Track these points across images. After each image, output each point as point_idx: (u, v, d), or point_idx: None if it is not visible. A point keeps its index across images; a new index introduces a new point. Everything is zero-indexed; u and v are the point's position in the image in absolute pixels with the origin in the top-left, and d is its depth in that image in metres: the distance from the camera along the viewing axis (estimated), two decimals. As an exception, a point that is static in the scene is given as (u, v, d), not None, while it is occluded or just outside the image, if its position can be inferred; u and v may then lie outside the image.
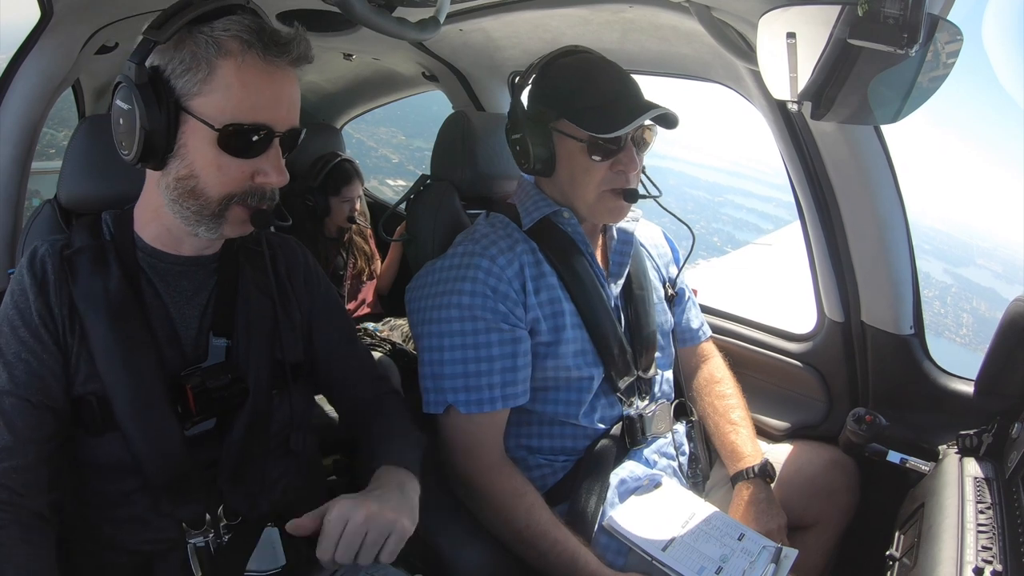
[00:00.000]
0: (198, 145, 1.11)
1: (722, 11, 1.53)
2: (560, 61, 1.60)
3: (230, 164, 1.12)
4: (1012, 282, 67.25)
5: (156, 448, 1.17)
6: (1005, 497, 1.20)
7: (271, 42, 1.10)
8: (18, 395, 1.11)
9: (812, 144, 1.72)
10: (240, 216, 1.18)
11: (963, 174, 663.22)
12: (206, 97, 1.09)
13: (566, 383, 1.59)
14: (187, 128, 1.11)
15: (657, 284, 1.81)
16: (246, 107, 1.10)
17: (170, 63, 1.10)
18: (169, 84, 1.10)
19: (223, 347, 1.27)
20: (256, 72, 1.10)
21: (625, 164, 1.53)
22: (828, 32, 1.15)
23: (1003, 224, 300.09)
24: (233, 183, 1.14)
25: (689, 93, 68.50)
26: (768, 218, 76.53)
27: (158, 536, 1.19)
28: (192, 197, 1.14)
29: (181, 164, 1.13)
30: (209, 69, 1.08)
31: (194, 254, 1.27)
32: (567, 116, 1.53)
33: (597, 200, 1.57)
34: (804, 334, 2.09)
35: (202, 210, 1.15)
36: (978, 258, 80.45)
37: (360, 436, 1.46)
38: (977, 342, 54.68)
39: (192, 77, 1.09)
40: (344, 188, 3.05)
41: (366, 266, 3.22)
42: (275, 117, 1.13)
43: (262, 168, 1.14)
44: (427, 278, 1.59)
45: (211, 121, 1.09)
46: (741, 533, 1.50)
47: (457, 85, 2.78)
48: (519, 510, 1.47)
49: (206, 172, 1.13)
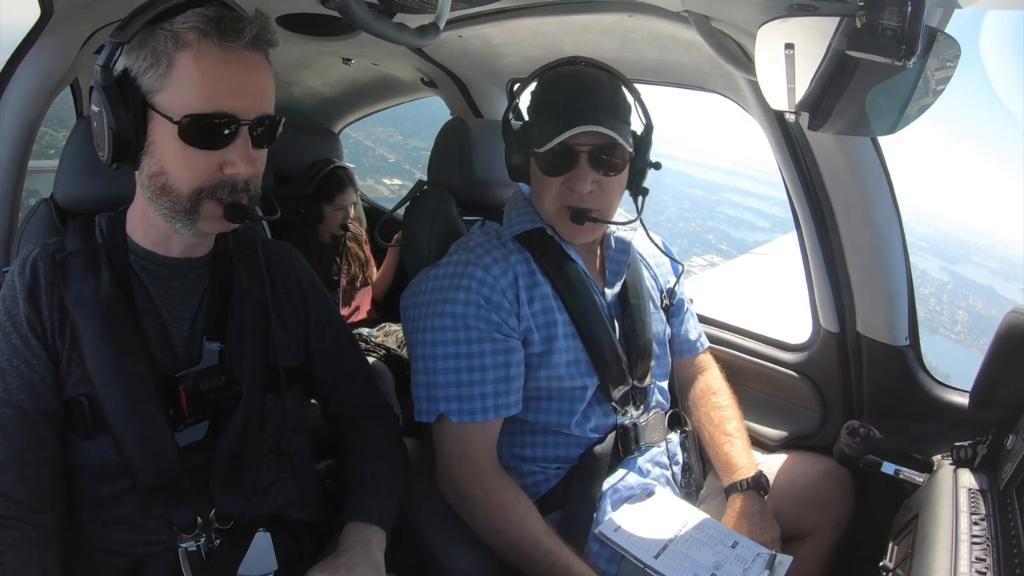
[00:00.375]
0: (164, 141, 1.11)
1: (721, 21, 1.53)
2: (546, 73, 1.60)
3: (196, 157, 1.11)
4: (1009, 279, 67.59)
5: (146, 451, 1.16)
6: (999, 509, 1.20)
7: (227, 28, 1.08)
8: (12, 403, 1.11)
9: (809, 155, 1.72)
10: (214, 211, 1.16)
11: (962, 174, 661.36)
12: (167, 91, 1.09)
13: (559, 393, 1.58)
14: (154, 125, 1.11)
15: (654, 294, 1.81)
16: (206, 97, 1.08)
17: (135, 62, 1.10)
18: (135, 83, 1.09)
19: (216, 350, 1.27)
20: (213, 60, 1.08)
21: (573, 182, 1.51)
22: (826, 43, 1.16)
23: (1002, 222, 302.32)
24: (201, 176, 1.12)
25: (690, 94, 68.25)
26: (765, 216, 76.70)
27: (149, 539, 1.19)
28: (164, 194, 1.14)
29: (152, 161, 1.13)
30: (168, 63, 1.08)
31: (183, 255, 1.27)
32: (530, 130, 1.55)
33: (556, 215, 1.57)
34: (799, 344, 2.09)
35: (175, 206, 1.15)
36: (975, 255, 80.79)
37: (342, 453, 1.48)
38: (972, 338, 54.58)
39: (154, 73, 1.09)
40: (337, 196, 3.02)
41: (360, 272, 3.20)
42: (238, 105, 1.11)
43: (229, 159, 1.12)
44: (421, 286, 1.59)
45: (171, 115, 1.08)
46: (735, 540, 1.49)
47: (456, 91, 2.78)
48: (512, 519, 1.46)
49: (173, 167, 1.12)
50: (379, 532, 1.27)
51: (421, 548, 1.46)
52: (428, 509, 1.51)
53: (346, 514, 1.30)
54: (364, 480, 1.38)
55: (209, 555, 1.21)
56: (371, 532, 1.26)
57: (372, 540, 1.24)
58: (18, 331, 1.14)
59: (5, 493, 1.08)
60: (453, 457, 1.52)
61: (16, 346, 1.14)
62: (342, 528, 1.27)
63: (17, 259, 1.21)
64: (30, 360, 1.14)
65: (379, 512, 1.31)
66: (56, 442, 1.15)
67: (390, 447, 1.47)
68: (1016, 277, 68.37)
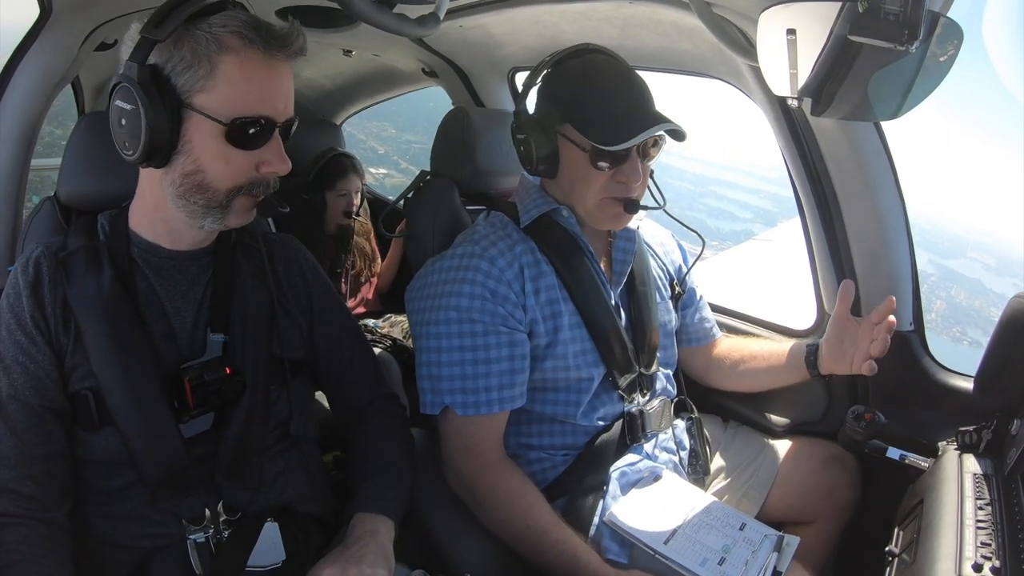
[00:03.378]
0: (203, 140, 1.12)
1: (722, 7, 1.52)
2: (569, 62, 1.57)
3: (236, 156, 1.14)
4: (1002, 274, 67.66)
5: (151, 442, 1.17)
6: (1004, 493, 1.20)
7: (270, 37, 1.12)
8: (18, 399, 1.13)
9: (812, 140, 1.71)
10: (245, 205, 1.20)
11: (967, 171, 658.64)
12: (209, 93, 1.11)
13: (565, 384, 1.58)
14: (191, 124, 1.12)
15: (662, 283, 1.81)
16: (251, 101, 1.12)
17: (169, 61, 1.10)
18: (170, 82, 1.10)
19: (220, 342, 1.28)
20: (258, 67, 1.12)
21: (628, 175, 1.50)
22: (828, 28, 1.15)
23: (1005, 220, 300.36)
24: (239, 175, 1.16)
25: (689, 87, 67.80)
26: (748, 207, 76.95)
27: (157, 532, 1.20)
28: (199, 191, 1.16)
29: (187, 160, 1.14)
30: (211, 65, 1.10)
31: (191, 248, 1.28)
32: (572, 122, 1.50)
33: (597, 207, 1.55)
34: (804, 330, 2.09)
35: (209, 203, 1.17)
36: (970, 251, 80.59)
37: (349, 444, 1.49)
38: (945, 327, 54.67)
39: (194, 74, 1.10)
40: (339, 181, 3.02)
41: (365, 266, 3.20)
42: (275, 109, 1.16)
43: (266, 158, 1.17)
44: (426, 279, 1.59)
45: (217, 116, 1.11)
46: (742, 523, 1.50)
47: (457, 81, 2.77)
48: (519, 510, 1.47)
49: (213, 166, 1.14)
50: (387, 522, 1.28)
51: (429, 538, 1.47)
52: (436, 499, 1.52)
53: (354, 505, 1.30)
54: (372, 471, 1.38)
55: (218, 547, 1.22)
56: (379, 522, 1.26)
57: (381, 530, 1.24)
58: (22, 328, 1.16)
59: (16, 489, 1.10)
60: (459, 450, 1.52)
61: (21, 343, 1.15)
62: (350, 519, 1.27)
63: (20, 258, 1.22)
64: (35, 356, 1.15)
65: (387, 503, 1.32)
66: (64, 437, 1.16)
67: (397, 437, 1.48)
68: (1010, 272, 68.31)
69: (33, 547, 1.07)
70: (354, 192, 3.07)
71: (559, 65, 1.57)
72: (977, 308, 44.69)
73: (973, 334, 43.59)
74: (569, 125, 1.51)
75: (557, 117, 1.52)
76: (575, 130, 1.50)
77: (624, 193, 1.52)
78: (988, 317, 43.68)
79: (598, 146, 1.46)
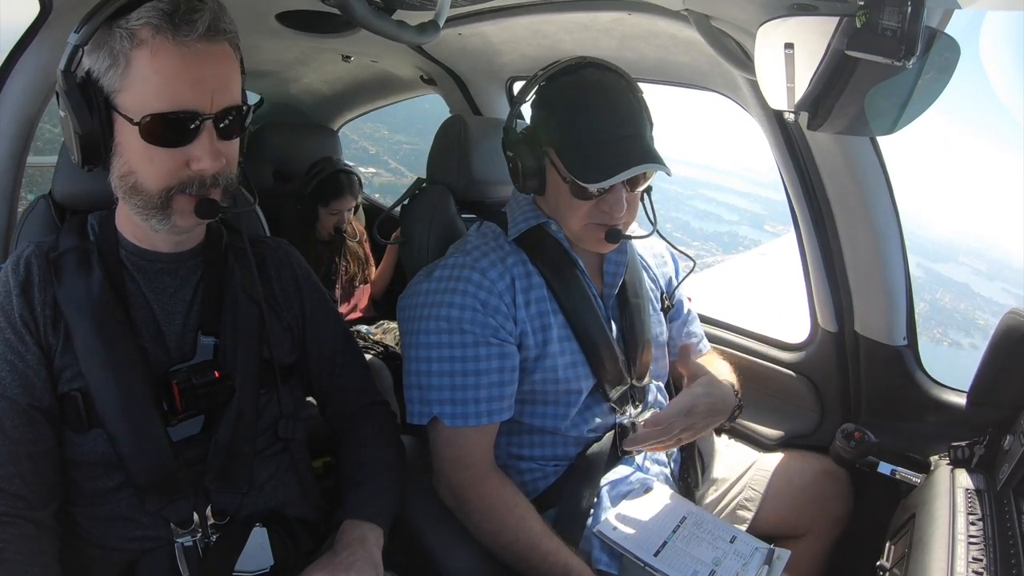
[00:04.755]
0: (128, 141, 1.10)
1: (720, 20, 1.53)
2: (560, 80, 1.52)
3: (160, 155, 1.09)
4: (993, 279, 68.10)
5: (139, 444, 1.17)
6: (996, 509, 1.20)
7: (181, 22, 1.04)
8: (6, 397, 1.12)
9: (808, 154, 1.72)
10: (186, 206, 1.15)
11: (964, 178, 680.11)
12: (128, 91, 1.07)
13: (554, 396, 1.57)
14: (118, 126, 1.10)
15: (653, 295, 1.80)
16: (165, 95, 1.06)
17: (95, 63, 1.08)
18: (98, 85, 1.08)
19: (211, 345, 1.27)
20: (169, 56, 1.05)
21: (611, 205, 1.47)
22: (826, 43, 1.16)
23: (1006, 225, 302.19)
24: (168, 174, 1.11)
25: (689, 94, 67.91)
26: (736, 210, 77.56)
27: (145, 535, 1.19)
28: (135, 193, 1.13)
29: (120, 162, 1.13)
30: (126, 62, 1.06)
31: (172, 250, 1.27)
32: (555, 149, 1.48)
33: (582, 231, 1.54)
34: (797, 344, 2.09)
35: (147, 204, 1.14)
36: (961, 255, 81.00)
37: (339, 450, 1.47)
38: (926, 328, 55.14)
39: (114, 73, 1.07)
40: (333, 201, 2.99)
41: (359, 271, 3.20)
42: (200, 100, 1.08)
43: (194, 155, 1.10)
44: (418, 288, 1.58)
45: (131, 115, 1.07)
46: (733, 536, 1.49)
47: (455, 89, 2.78)
48: (509, 522, 1.46)
49: (140, 166, 1.11)
50: (376, 530, 1.27)
51: (418, 546, 1.46)
52: (425, 507, 1.51)
53: (343, 511, 1.30)
54: (361, 478, 1.37)
55: (206, 551, 1.21)
56: (368, 530, 1.25)
57: (370, 538, 1.24)
58: (12, 326, 1.15)
59: (2, 488, 1.08)
60: (449, 460, 1.51)
61: (10, 340, 1.14)
62: (339, 526, 1.27)
63: (11, 257, 1.21)
64: (23, 355, 1.14)
65: (377, 510, 1.31)
66: (52, 437, 1.15)
67: (388, 445, 1.47)
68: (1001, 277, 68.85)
69: (20, 546, 1.06)
70: (347, 211, 3.04)
71: (552, 81, 1.53)
72: (962, 311, 44.86)
73: (954, 335, 43.75)
74: (553, 151, 1.49)
75: (544, 139, 1.50)
76: (557, 158, 1.48)
77: (608, 221, 1.50)
78: (972, 320, 43.73)
79: (578, 181, 1.43)
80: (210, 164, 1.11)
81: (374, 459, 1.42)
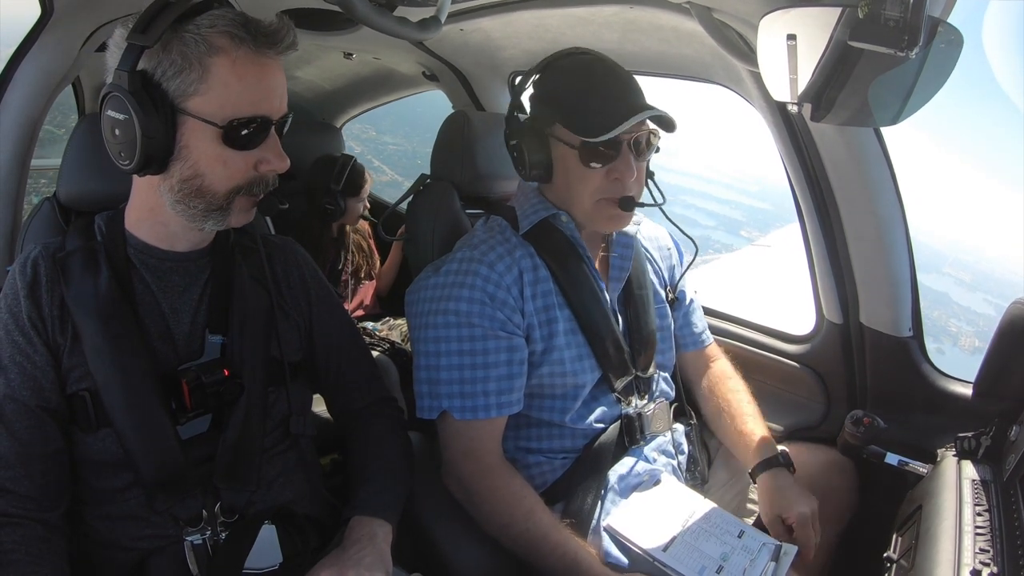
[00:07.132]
0: (200, 144, 1.11)
1: (723, 12, 1.53)
2: (558, 63, 1.58)
3: (234, 158, 1.14)
4: (975, 290, 68.38)
5: (148, 443, 1.17)
6: (1003, 500, 1.20)
7: (260, 35, 1.10)
8: (15, 399, 1.13)
9: (812, 146, 1.72)
10: (245, 205, 1.20)
11: (957, 191, 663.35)
12: (203, 96, 1.09)
13: (562, 389, 1.58)
14: (186, 129, 1.11)
15: (658, 287, 1.81)
16: (246, 101, 1.11)
17: (159, 66, 1.09)
18: (161, 88, 1.09)
19: (219, 344, 1.27)
20: (250, 66, 1.11)
21: (621, 171, 1.49)
22: (828, 34, 1.15)
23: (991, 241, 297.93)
24: (238, 175, 1.16)
25: (683, 101, 66.59)
26: (714, 216, 78.19)
27: (154, 533, 1.19)
28: (199, 196, 1.15)
29: (184, 165, 1.13)
30: (203, 68, 1.08)
31: (188, 249, 1.28)
32: (561, 121, 1.50)
33: (594, 208, 1.54)
34: (802, 335, 2.09)
35: (210, 206, 1.17)
36: (945, 266, 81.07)
37: (347, 447, 1.49)
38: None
39: (186, 78, 1.08)
40: (362, 189, 3.12)
41: (364, 263, 3.21)
42: (270, 107, 1.15)
43: (264, 157, 1.17)
44: (426, 282, 1.58)
45: (213, 119, 1.10)
46: (741, 530, 1.50)
47: (457, 85, 2.78)
48: (518, 513, 1.46)
49: (211, 169, 1.14)
50: (385, 526, 1.28)
51: (426, 541, 1.47)
52: (433, 502, 1.52)
53: (351, 508, 1.30)
54: (369, 474, 1.38)
55: (215, 548, 1.21)
56: (377, 526, 1.26)
57: (378, 534, 1.24)
58: (20, 328, 1.15)
59: (12, 489, 1.09)
60: (459, 453, 1.52)
61: (18, 342, 1.15)
62: (347, 522, 1.27)
63: (19, 258, 1.22)
64: (32, 356, 1.15)
65: (385, 506, 1.32)
66: (61, 438, 1.16)
67: (395, 441, 1.48)
68: (984, 288, 69.06)
69: (30, 547, 1.07)
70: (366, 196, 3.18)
71: (548, 68, 1.58)
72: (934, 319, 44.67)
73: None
74: (559, 124, 1.51)
75: (547, 119, 1.53)
76: (564, 128, 1.50)
77: (619, 192, 1.51)
78: (944, 327, 43.77)
79: (587, 140, 1.46)
80: (279, 164, 1.18)
81: (382, 455, 1.43)
